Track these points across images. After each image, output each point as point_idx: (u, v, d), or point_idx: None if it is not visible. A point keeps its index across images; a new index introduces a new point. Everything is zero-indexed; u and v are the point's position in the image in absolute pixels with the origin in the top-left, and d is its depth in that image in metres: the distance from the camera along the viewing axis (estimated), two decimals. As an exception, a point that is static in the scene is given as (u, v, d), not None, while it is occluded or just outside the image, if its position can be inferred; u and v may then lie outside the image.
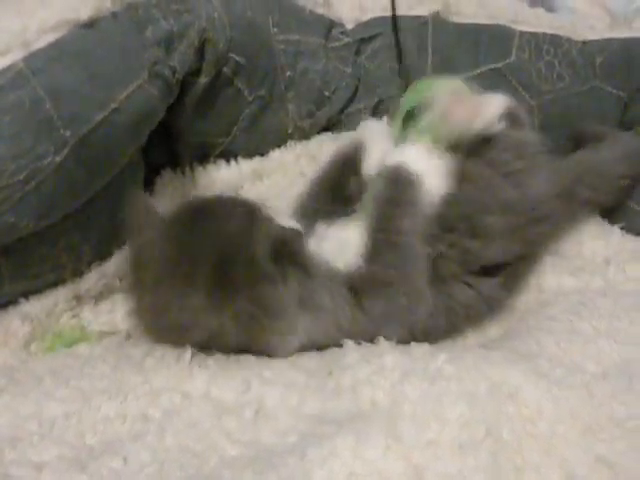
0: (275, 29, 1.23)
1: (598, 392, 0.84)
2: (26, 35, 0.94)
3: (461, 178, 1.04)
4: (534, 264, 1.12)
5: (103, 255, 1.13)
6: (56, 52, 0.95)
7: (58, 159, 0.94)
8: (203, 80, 1.13)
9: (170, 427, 0.84)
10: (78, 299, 1.13)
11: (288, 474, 0.75)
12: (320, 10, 1.31)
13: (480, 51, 1.34)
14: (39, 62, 0.93)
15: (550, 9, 1.54)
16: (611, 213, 1.23)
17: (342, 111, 1.35)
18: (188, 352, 0.92)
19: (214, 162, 1.30)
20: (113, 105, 0.97)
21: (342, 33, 1.32)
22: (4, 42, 0.92)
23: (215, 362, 0.93)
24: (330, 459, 0.76)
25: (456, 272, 1.03)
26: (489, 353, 0.91)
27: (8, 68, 0.92)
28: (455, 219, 1.03)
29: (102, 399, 0.89)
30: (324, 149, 1.30)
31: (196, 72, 1.11)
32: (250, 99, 1.24)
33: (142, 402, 0.88)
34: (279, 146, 1.32)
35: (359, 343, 0.94)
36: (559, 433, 0.79)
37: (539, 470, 0.75)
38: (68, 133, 0.94)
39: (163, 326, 0.92)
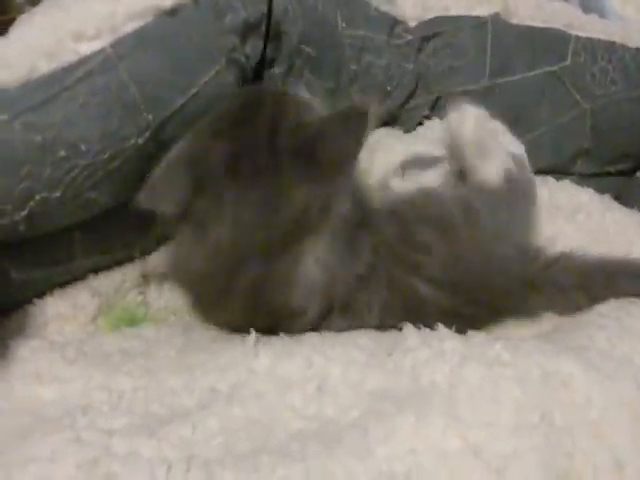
0: (343, 24, 1.25)
1: (646, 383, 0.86)
2: (115, 20, 0.97)
3: None
4: None
5: (170, 235, 1.16)
6: (141, 39, 0.99)
7: (140, 141, 0.99)
8: (277, 71, 1.16)
9: (237, 399, 0.87)
10: (145, 277, 1.17)
11: (352, 448, 0.78)
12: (384, 7, 1.33)
13: (537, 53, 1.36)
14: (125, 48, 0.97)
15: (601, 15, 1.56)
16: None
17: (401, 106, 1.37)
18: (252, 334, 0.96)
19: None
20: (193, 90, 1.01)
21: (405, 31, 1.35)
22: (95, 26, 0.96)
23: (279, 341, 0.97)
24: (392, 435, 0.79)
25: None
26: (542, 344, 0.93)
27: (98, 52, 0.96)
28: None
29: (169, 374, 0.92)
30: (382, 142, 1.32)
31: (270, 62, 1.15)
32: (320, 91, 1.26)
33: (209, 377, 0.91)
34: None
35: (419, 328, 0.97)
36: (608, 420, 0.82)
37: (588, 454, 0.78)
38: (150, 117, 0.98)
39: None
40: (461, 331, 0.96)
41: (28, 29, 0.98)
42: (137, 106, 0.97)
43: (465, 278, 1.03)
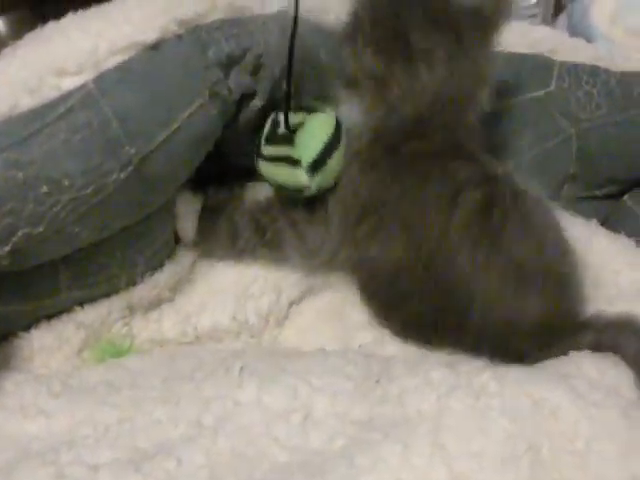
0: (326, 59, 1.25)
1: (633, 414, 0.87)
2: (97, 55, 0.97)
3: None
4: None
5: (155, 266, 1.16)
6: (123, 73, 0.98)
7: (122, 176, 0.98)
8: (258, 103, 1.15)
9: (222, 432, 0.87)
10: (130, 308, 1.16)
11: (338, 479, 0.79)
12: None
13: (521, 80, 1.37)
14: (107, 83, 0.97)
15: (588, 39, 1.57)
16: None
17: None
18: (237, 364, 0.97)
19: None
20: (175, 125, 1.01)
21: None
22: (77, 62, 0.96)
23: (264, 369, 0.98)
24: (378, 465, 0.79)
25: None
26: (531, 372, 0.94)
27: (80, 88, 0.96)
28: None
29: (154, 406, 0.93)
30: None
31: (251, 95, 1.14)
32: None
33: (194, 409, 0.91)
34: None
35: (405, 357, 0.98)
36: (595, 450, 0.82)
37: (575, 485, 0.78)
38: (133, 151, 0.97)
39: None
40: None
41: (10, 64, 0.98)
42: (119, 141, 0.96)
43: None
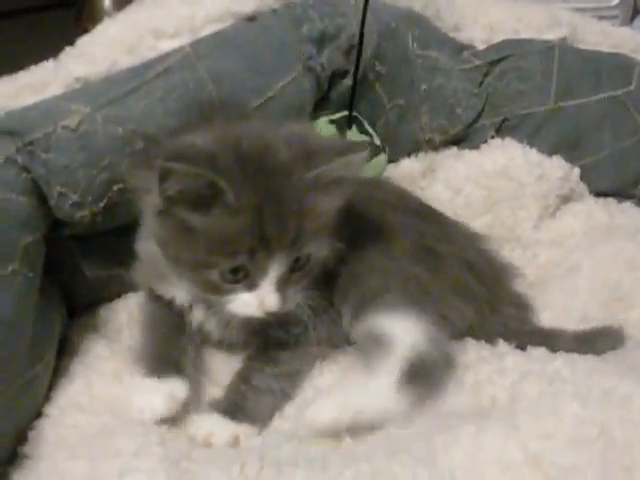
0: (415, 44, 1.26)
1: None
2: (194, 22, 1.00)
3: None
4: None
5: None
6: (220, 40, 1.01)
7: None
8: (349, 83, 1.17)
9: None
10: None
11: (416, 455, 0.80)
12: (451, 34, 1.36)
13: (601, 78, 1.36)
14: (204, 48, 1.00)
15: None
16: None
17: (468, 127, 1.37)
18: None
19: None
20: (270, 93, 1.03)
21: (473, 55, 1.36)
22: (174, 26, 0.99)
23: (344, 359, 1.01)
24: (453, 446, 0.81)
25: None
26: (600, 363, 0.94)
27: (177, 50, 0.99)
28: None
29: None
30: (446, 163, 1.34)
31: (343, 73, 1.16)
32: (388, 107, 1.28)
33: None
34: (409, 155, 1.34)
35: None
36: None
37: (648, 471, 0.78)
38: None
39: None
40: None
41: (110, 26, 1.01)
42: (214, 103, 0.99)
43: None
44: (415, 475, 0.78)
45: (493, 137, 1.38)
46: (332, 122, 1.20)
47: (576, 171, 1.36)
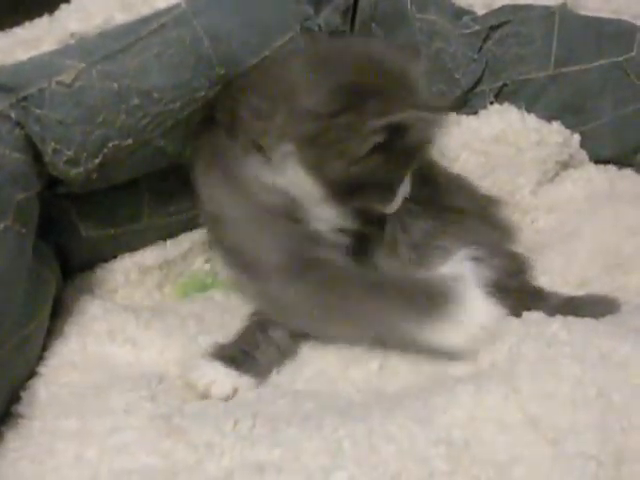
0: (413, 6, 1.26)
1: None
2: (189, -22, 0.99)
3: None
4: None
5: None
6: (216, -2, 1.00)
7: (210, 94, 1.00)
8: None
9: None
10: (210, 245, 1.17)
11: (413, 415, 0.80)
12: (451, -2, 1.35)
13: (602, 44, 1.35)
14: (200, 4, 0.98)
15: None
16: None
17: (467, 93, 1.37)
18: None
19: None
20: (266, 52, 1.01)
21: (472, 20, 1.35)
22: (171, -18, 0.98)
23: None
24: (452, 404, 0.81)
25: None
26: (599, 325, 0.93)
27: (173, 7, 0.97)
28: None
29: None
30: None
31: (340, 34, 1.15)
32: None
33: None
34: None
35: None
36: (666, 401, 0.81)
37: (644, 432, 0.78)
38: (222, 72, 0.99)
39: None
40: None
41: (106, -18, 1.00)
42: (210, 60, 0.98)
43: None
44: (411, 434, 0.77)
45: (492, 103, 1.36)
46: None
47: (576, 137, 1.36)
